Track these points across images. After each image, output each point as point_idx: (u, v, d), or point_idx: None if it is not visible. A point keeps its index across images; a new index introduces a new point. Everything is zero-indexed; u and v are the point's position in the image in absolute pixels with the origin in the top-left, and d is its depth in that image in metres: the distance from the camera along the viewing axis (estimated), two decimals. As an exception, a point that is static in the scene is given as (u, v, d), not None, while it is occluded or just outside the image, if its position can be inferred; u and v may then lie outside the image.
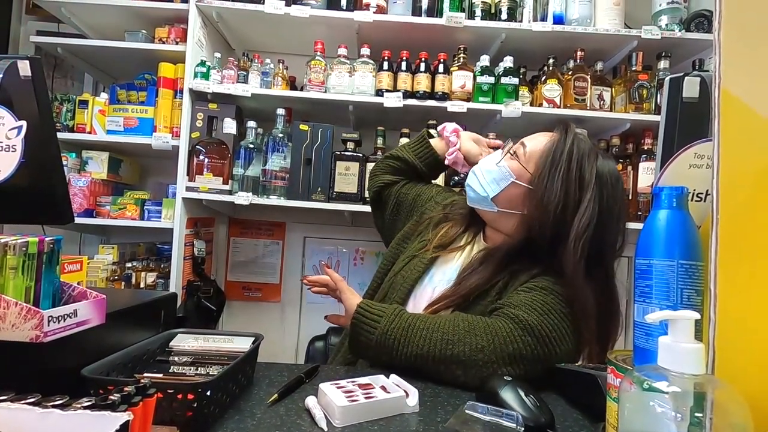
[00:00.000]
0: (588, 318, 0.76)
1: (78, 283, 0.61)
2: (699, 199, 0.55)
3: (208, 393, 0.53)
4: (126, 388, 0.42)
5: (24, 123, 0.60)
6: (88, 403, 0.38)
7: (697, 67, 1.65)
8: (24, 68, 0.61)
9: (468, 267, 0.88)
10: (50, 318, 0.50)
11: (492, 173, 0.88)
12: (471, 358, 0.72)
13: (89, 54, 1.80)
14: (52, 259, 0.57)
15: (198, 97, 1.65)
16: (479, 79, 1.62)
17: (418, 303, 0.90)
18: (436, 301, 0.86)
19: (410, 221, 1.07)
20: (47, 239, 0.56)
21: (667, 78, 0.61)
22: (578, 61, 1.63)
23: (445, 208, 1.03)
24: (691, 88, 0.58)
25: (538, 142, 0.87)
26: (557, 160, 0.81)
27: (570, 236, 0.78)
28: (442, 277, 0.91)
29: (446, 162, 1.11)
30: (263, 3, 1.59)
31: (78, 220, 1.58)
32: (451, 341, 0.74)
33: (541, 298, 0.77)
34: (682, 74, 0.60)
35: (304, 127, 1.63)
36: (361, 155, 1.65)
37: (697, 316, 0.40)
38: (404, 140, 1.65)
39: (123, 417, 0.36)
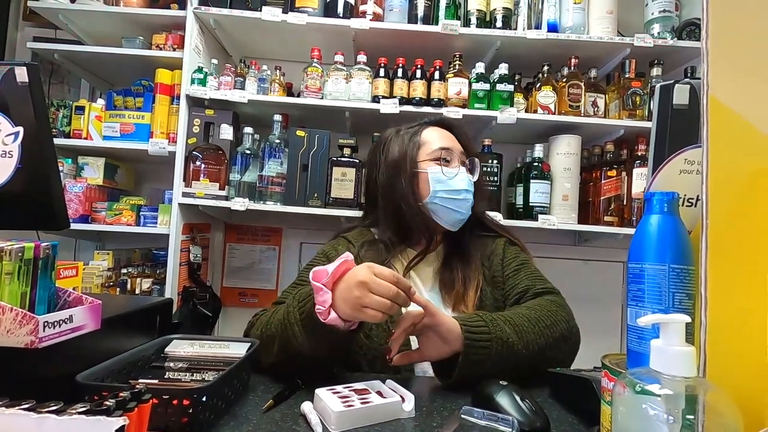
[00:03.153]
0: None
1: (74, 289, 0.61)
2: (690, 204, 0.55)
3: (204, 399, 0.53)
4: (121, 394, 0.42)
5: (21, 129, 0.60)
6: (83, 409, 0.38)
7: (689, 75, 1.67)
8: (21, 74, 0.61)
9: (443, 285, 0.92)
10: (45, 323, 0.50)
11: (470, 186, 0.95)
12: (568, 330, 0.80)
13: (86, 60, 1.80)
14: (47, 265, 0.57)
15: (195, 103, 1.66)
16: (475, 86, 1.63)
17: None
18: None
19: None
20: (43, 245, 0.56)
21: (658, 85, 0.62)
22: (572, 68, 1.65)
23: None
24: (680, 95, 0.59)
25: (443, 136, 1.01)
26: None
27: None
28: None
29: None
30: (260, 10, 1.60)
31: (73, 226, 1.57)
32: (550, 325, 0.78)
33: (527, 265, 0.92)
34: (672, 81, 0.61)
35: (300, 133, 1.64)
36: (357, 161, 1.65)
37: (688, 319, 0.40)
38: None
39: (118, 422, 0.36)
